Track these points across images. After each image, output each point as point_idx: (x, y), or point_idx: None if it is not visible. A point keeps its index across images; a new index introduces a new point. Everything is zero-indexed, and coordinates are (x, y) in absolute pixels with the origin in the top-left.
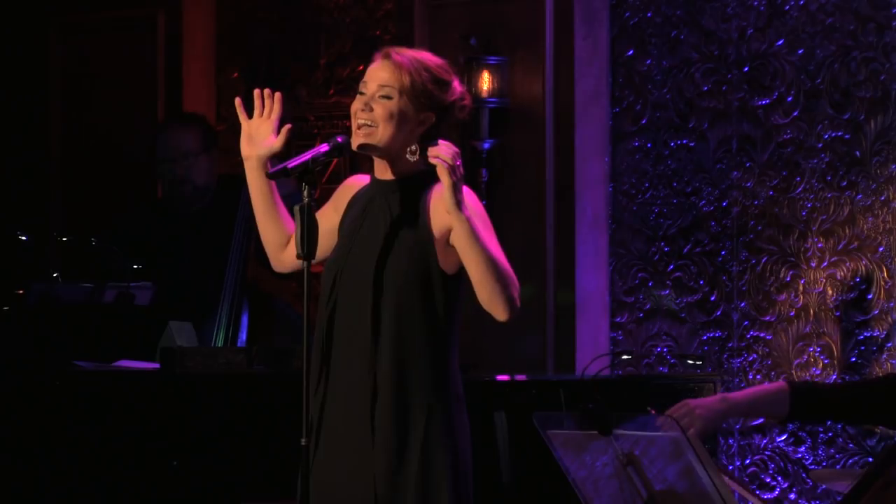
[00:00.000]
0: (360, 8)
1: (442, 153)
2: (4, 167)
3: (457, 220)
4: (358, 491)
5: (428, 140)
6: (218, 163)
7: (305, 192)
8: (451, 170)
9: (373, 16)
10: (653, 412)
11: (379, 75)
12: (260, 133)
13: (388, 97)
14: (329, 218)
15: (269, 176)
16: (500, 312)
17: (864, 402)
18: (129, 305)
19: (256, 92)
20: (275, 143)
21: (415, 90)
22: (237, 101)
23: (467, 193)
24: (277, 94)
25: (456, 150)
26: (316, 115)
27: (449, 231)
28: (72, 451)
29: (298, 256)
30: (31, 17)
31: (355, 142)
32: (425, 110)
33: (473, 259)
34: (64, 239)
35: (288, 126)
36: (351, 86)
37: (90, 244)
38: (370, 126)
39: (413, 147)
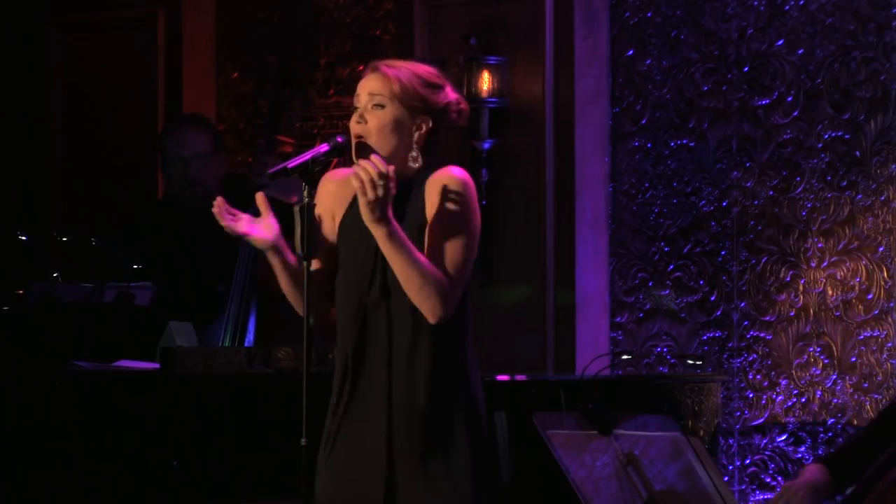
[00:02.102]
0: (360, 8)
1: (361, 172)
2: (4, 167)
3: (374, 232)
4: (374, 494)
5: (430, 146)
6: (224, 166)
7: (305, 192)
8: (363, 189)
9: (373, 16)
10: None
11: (369, 85)
12: (253, 229)
13: (381, 105)
14: (329, 226)
15: (269, 176)
16: (426, 315)
17: (888, 442)
18: (129, 305)
19: (216, 210)
20: (263, 223)
21: (406, 95)
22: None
23: (462, 183)
24: (219, 201)
25: (382, 169)
26: (316, 115)
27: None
28: (72, 451)
29: (298, 256)
30: (31, 17)
31: (356, 154)
32: (421, 115)
33: (395, 268)
34: (64, 239)
35: (260, 194)
36: (351, 86)
37: (90, 244)
38: (366, 138)
39: (414, 153)
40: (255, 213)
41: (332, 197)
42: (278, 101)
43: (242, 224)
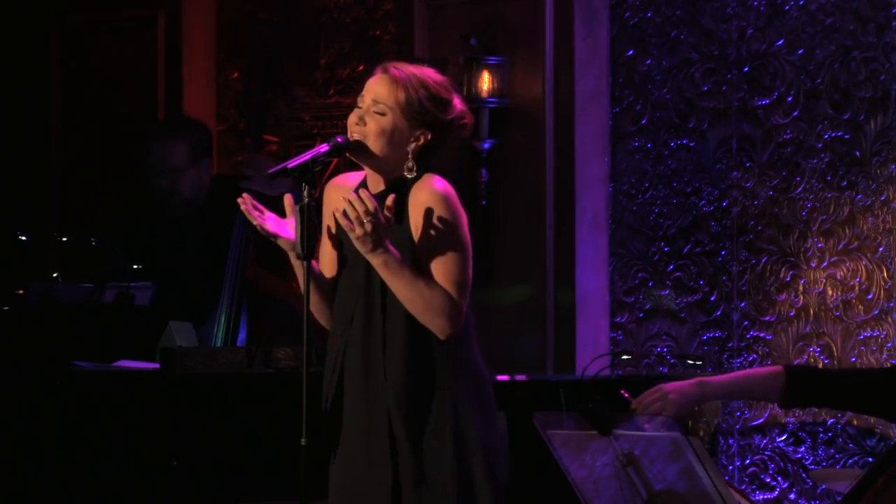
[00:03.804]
0: (360, 8)
1: (348, 209)
2: (5, 167)
3: (371, 262)
4: (379, 496)
5: (426, 155)
6: (209, 171)
7: (305, 192)
8: (351, 226)
9: (373, 16)
10: (625, 395)
11: (375, 90)
12: (281, 230)
13: (382, 113)
14: (334, 236)
15: (269, 176)
16: (436, 332)
17: (863, 390)
18: (129, 305)
19: (244, 206)
20: (290, 224)
21: (410, 107)
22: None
23: (444, 198)
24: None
25: (370, 206)
26: (315, 115)
27: (419, 225)
28: (72, 451)
29: (298, 257)
30: (31, 17)
31: (350, 152)
32: (420, 127)
33: (397, 293)
34: (64, 239)
35: (288, 196)
36: (351, 86)
37: (90, 244)
38: (362, 140)
39: (410, 164)
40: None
41: (335, 204)
42: (265, 101)
43: (270, 223)
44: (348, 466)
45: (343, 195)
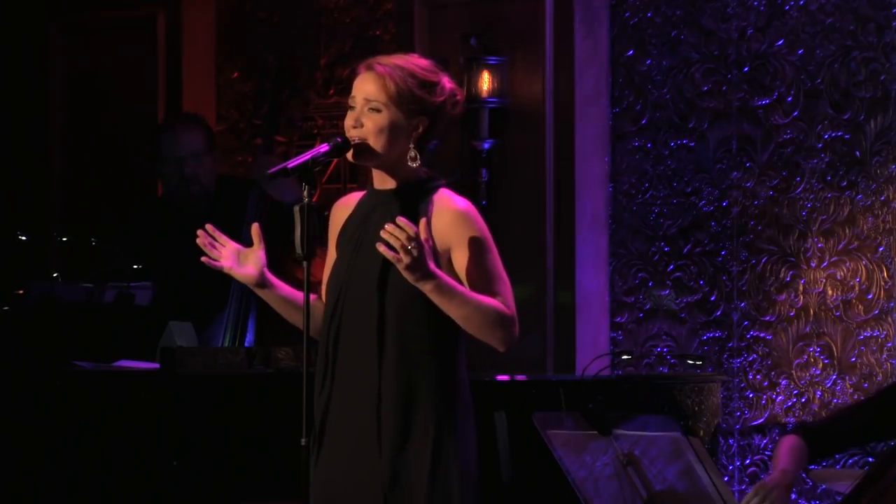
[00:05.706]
0: (360, 8)
1: (392, 239)
2: (5, 167)
3: (422, 289)
4: (365, 499)
5: (425, 142)
6: (217, 165)
7: (305, 192)
8: (398, 257)
9: (373, 16)
10: None
11: (365, 88)
12: (239, 262)
13: (377, 110)
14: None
15: (269, 176)
16: (495, 347)
17: (874, 423)
18: (129, 305)
19: (201, 241)
20: (251, 256)
21: (402, 98)
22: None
23: (469, 216)
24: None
25: (411, 232)
26: (316, 115)
27: (449, 249)
28: (72, 451)
29: (298, 256)
30: (31, 17)
31: (351, 154)
32: (417, 116)
33: (453, 314)
34: (64, 239)
35: (255, 226)
36: (350, 86)
37: (90, 244)
38: (363, 141)
39: (412, 153)
40: (256, 216)
41: (336, 224)
42: (277, 102)
43: (225, 258)
44: (332, 467)
45: (348, 215)
